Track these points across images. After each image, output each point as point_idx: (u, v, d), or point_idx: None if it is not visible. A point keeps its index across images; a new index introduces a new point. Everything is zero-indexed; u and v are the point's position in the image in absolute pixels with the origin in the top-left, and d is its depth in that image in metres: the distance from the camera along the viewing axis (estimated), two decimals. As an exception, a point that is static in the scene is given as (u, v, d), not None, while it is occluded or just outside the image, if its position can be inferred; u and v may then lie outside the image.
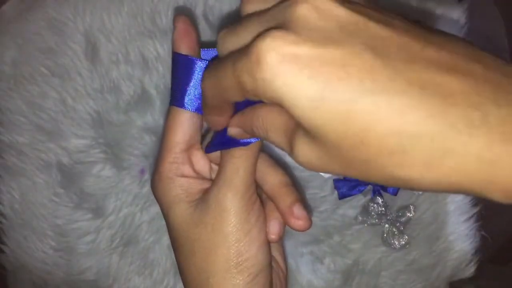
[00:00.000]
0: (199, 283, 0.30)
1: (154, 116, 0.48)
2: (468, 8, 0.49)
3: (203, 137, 0.33)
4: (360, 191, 0.49)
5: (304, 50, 0.20)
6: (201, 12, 0.48)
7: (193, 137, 0.31)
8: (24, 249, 0.49)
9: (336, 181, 0.49)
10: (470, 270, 0.50)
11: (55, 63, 0.48)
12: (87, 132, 0.48)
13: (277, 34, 0.20)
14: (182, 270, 0.31)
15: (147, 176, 0.49)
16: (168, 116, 0.32)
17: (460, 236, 0.50)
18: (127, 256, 0.49)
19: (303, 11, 0.21)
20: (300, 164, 0.23)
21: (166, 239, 0.49)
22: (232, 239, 0.29)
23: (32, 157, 0.48)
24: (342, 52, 0.20)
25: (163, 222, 0.48)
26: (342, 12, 0.21)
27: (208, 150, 0.31)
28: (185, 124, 0.31)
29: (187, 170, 0.31)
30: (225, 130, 0.29)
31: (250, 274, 0.29)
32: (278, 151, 0.48)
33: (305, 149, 0.23)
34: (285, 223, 0.32)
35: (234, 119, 0.28)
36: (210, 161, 0.33)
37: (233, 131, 0.28)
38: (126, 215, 0.49)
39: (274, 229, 0.31)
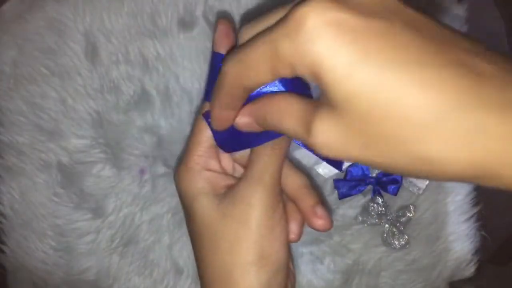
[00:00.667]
0: (221, 275, 0.30)
1: (154, 116, 0.48)
2: (468, 8, 0.49)
3: None
4: (360, 191, 0.49)
5: (347, 17, 0.20)
6: (201, 12, 0.48)
7: None
8: (24, 249, 0.49)
9: (336, 181, 0.49)
10: (470, 270, 0.50)
11: (55, 63, 0.48)
12: (87, 132, 0.48)
13: (319, 0, 0.20)
14: (203, 262, 0.32)
15: (147, 176, 0.49)
16: (200, 111, 0.32)
17: (460, 236, 0.50)
18: (127, 256, 0.49)
19: None
20: (317, 146, 0.22)
21: (166, 239, 0.49)
22: (257, 233, 0.29)
23: (32, 157, 0.48)
24: (384, 25, 0.20)
25: (163, 222, 0.49)
26: None
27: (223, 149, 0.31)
28: None
29: (213, 164, 0.32)
30: (224, 132, 0.29)
31: (271, 270, 0.30)
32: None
33: (325, 128, 0.22)
34: (305, 223, 0.33)
35: (245, 109, 0.28)
36: (234, 160, 0.34)
37: (243, 120, 0.28)
38: (126, 215, 0.49)
39: (295, 229, 0.33)
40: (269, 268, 0.30)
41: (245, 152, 0.33)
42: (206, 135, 0.31)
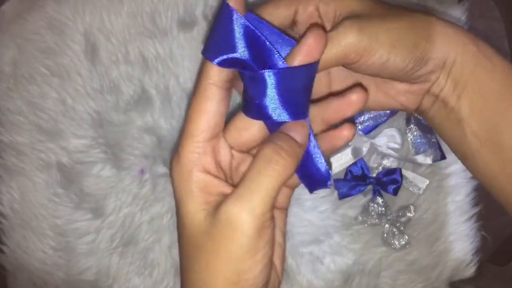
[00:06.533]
0: None
1: (154, 116, 0.48)
2: (468, 8, 0.49)
3: (225, 123, 0.31)
4: (360, 191, 0.49)
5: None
6: (201, 12, 0.48)
7: (218, 125, 0.29)
8: (24, 249, 0.49)
9: (336, 181, 0.49)
10: (470, 270, 0.50)
11: (55, 63, 0.48)
12: (87, 132, 0.48)
13: None
14: (182, 269, 0.31)
15: (147, 176, 0.49)
16: (193, 98, 0.29)
17: (460, 236, 0.50)
18: (127, 256, 0.49)
19: None
20: None
21: (166, 239, 0.49)
22: (235, 258, 0.27)
23: (32, 157, 0.48)
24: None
25: (163, 222, 0.49)
26: None
27: (249, 114, 0.28)
28: (211, 109, 0.28)
29: (208, 162, 0.29)
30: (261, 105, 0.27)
31: None
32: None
33: None
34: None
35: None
36: (232, 148, 0.30)
37: None
38: (126, 215, 0.49)
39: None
40: None
41: (251, 136, 0.30)
42: (200, 128, 0.28)
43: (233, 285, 0.28)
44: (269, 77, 0.26)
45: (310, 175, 0.30)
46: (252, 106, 0.28)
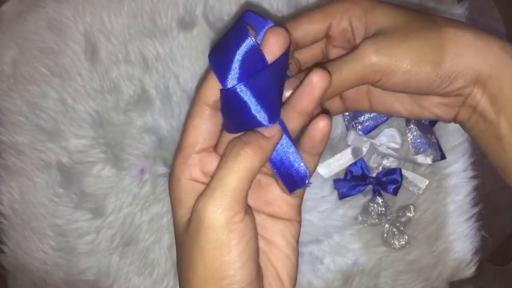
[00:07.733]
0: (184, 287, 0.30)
1: (154, 116, 0.48)
2: (468, 8, 0.49)
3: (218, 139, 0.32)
4: (360, 191, 0.49)
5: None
6: (201, 12, 0.48)
7: (207, 140, 0.30)
8: (24, 249, 0.49)
9: (336, 181, 0.49)
10: (470, 270, 0.50)
11: (55, 63, 0.48)
12: (87, 132, 0.48)
13: None
14: (178, 272, 0.31)
15: (147, 176, 0.49)
16: (189, 114, 0.30)
17: (460, 236, 0.50)
18: (127, 256, 0.49)
19: None
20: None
21: (166, 239, 0.49)
22: (208, 255, 0.27)
23: (32, 157, 0.48)
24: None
25: (163, 222, 0.49)
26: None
27: (228, 129, 0.30)
28: (200, 126, 0.30)
29: (195, 172, 0.30)
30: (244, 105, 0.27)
31: None
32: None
33: None
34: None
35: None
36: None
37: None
38: (126, 215, 0.49)
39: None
40: None
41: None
42: (188, 142, 0.30)
43: (212, 283, 0.28)
44: (243, 91, 0.27)
45: (289, 175, 0.30)
46: (232, 121, 0.29)
